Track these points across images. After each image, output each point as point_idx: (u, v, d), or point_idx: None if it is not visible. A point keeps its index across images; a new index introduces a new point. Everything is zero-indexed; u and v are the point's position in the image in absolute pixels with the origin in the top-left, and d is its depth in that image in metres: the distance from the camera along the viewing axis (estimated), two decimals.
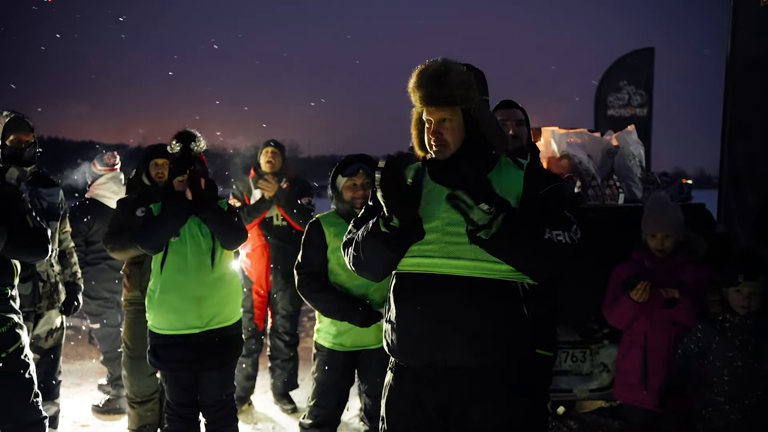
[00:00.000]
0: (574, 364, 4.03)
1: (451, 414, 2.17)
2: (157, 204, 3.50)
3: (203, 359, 3.44)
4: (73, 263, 4.13)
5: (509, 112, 3.27)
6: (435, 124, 2.18)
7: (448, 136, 2.17)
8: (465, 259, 2.10)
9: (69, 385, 5.58)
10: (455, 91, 2.14)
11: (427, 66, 2.18)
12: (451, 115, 2.17)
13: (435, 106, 2.16)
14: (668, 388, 3.22)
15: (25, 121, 3.85)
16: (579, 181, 4.31)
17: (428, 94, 2.15)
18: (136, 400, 4.04)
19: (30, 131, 3.86)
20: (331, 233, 3.31)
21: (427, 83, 2.15)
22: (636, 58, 10.33)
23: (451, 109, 2.16)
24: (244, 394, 4.94)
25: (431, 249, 2.14)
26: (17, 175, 3.82)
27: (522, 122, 3.27)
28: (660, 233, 3.34)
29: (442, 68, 2.15)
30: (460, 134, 2.18)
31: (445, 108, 2.16)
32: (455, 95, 2.14)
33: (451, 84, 2.14)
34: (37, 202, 3.87)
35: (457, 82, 2.15)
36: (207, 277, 3.43)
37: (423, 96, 2.16)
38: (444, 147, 2.18)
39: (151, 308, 3.47)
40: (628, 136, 4.63)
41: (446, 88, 2.14)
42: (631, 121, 8.26)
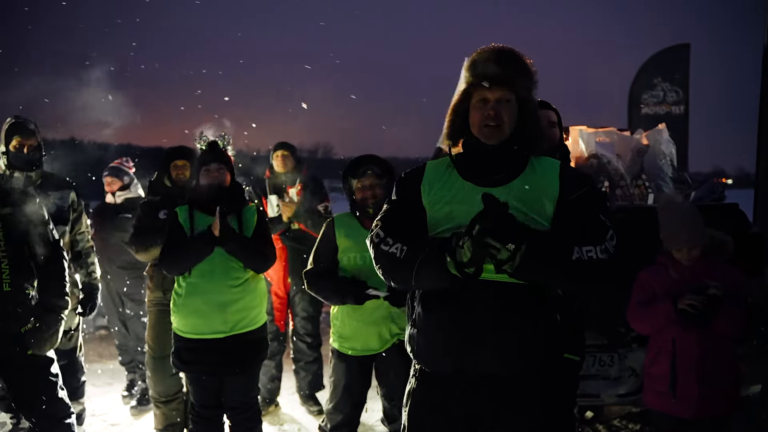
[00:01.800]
0: (601, 369, 3.95)
1: (480, 421, 2.12)
2: (183, 207, 3.51)
3: (228, 363, 3.44)
4: (90, 263, 4.12)
5: (543, 114, 3.19)
6: (494, 102, 2.07)
7: (506, 116, 2.07)
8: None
9: (101, 384, 5.70)
10: (521, 76, 2.09)
11: (495, 47, 2.11)
12: (510, 98, 2.08)
13: (499, 86, 2.06)
14: None
15: (25, 126, 3.84)
16: (607, 182, 4.22)
17: (494, 72, 2.05)
18: (161, 399, 4.09)
19: (32, 135, 3.86)
20: (341, 234, 3.33)
21: (495, 61, 2.06)
22: (671, 55, 10.10)
23: (511, 93, 2.08)
24: (269, 395, 4.97)
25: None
26: (23, 180, 3.83)
27: (555, 124, 3.22)
28: (686, 247, 3.21)
29: (512, 52, 2.10)
30: (513, 121, 2.09)
31: (506, 90, 2.07)
32: (520, 80, 2.08)
33: (519, 69, 2.08)
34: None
35: (523, 69, 2.10)
36: (233, 283, 3.43)
37: (487, 73, 2.05)
38: (499, 127, 2.07)
39: (176, 311, 3.48)
40: (659, 134, 4.50)
41: (513, 71, 2.07)
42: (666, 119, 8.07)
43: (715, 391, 3.18)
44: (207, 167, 3.50)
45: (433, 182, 2.15)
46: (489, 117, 2.06)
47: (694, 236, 3.20)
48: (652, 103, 9.98)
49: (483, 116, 2.07)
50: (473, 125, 2.11)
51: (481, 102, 2.08)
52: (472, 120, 2.11)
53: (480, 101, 2.09)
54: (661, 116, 9.22)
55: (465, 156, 2.15)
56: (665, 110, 9.78)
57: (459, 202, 2.07)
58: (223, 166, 3.53)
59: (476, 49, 2.14)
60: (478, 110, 2.09)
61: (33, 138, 3.87)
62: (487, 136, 2.08)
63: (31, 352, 3.12)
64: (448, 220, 2.08)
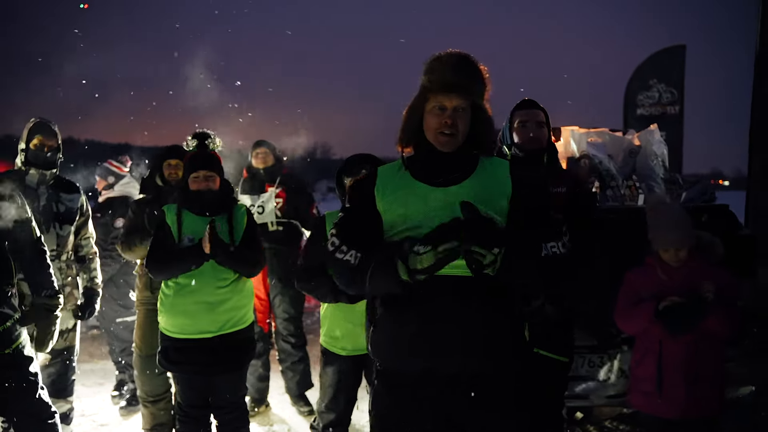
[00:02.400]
0: (591, 370, 3.93)
1: (453, 420, 2.11)
2: (171, 206, 3.48)
3: (216, 363, 3.42)
4: (93, 268, 4.18)
5: (531, 113, 3.19)
6: (451, 110, 2.10)
7: (461, 125, 2.11)
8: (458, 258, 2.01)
9: (91, 384, 5.68)
10: (477, 84, 2.13)
11: (454, 53, 2.13)
12: (466, 106, 2.11)
13: (456, 93, 2.09)
14: None
15: (49, 126, 3.96)
16: (598, 182, 4.20)
17: (453, 80, 2.08)
18: (149, 399, 4.07)
19: (54, 136, 3.97)
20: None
21: (454, 68, 2.09)
22: (667, 56, 10.08)
23: (466, 101, 2.11)
24: (259, 395, 4.94)
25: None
26: (37, 178, 3.92)
27: (543, 124, 3.18)
28: (673, 248, 3.20)
29: (469, 58, 2.13)
30: (467, 129, 2.13)
31: (463, 98, 2.10)
32: (476, 88, 2.12)
33: (475, 76, 2.12)
34: (54, 205, 3.94)
35: (480, 76, 2.14)
36: (221, 284, 3.41)
37: (445, 81, 2.08)
38: (454, 136, 2.10)
39: (163, 311, 3.46)
40: (651, 135, 4.49)
41: (471, 79, 2.11)
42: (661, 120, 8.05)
43: (702, 392, 3.17)
44: (195, 174, 3.46)
45: (386, 185, 2.17)
46: (446, 125, 2.10)
47: (682, 237, 3.19)
48: (647, 104, 9.96)
49: (440, 124, 2.10)
50: (428, 130, 2.14)
51: (438, 109, 2.11)
52: (428, 125, 2.13)
53: (437, 107, 2.11)
54: (657, 117, 9.19)
55: (417, 158, 2.18)
56: (660, 111, 9.76)
57: (413, 203, 2.10)
58: (212, 174, 3.47)
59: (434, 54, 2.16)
60: (435, 117, 2.11)
61: (54, 139, 3.98)
62: (442, 143, 2.12)
63: (8, 351, 3.10)
64: (403, 221, 2.09)
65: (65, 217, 3.97)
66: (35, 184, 3.93)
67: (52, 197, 3.96)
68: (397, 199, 2.12)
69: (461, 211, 1.92)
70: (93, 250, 4.22)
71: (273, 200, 4.86)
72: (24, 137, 3.93)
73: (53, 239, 3.92)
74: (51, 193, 3.96)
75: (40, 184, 3.94)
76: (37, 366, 3.25)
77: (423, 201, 2.09)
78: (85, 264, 4.15)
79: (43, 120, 3.96)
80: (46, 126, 3.95)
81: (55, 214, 3.95)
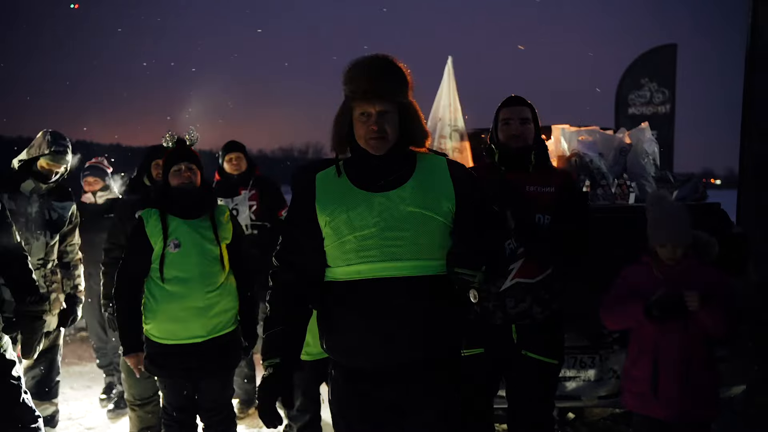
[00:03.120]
0: (582, 370, 3.91)
1: (401, 409, 2.20)
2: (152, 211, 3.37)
3: (205, 366, 3.37)
4: (77, 275, 4.14)
5: (515, 110, 3.13)
6: (376, 115, 2.14)
7: (389, 128, 2.15)
8: (405, 259, 2.11)
9: (79, 387, 5.62)
10: (397, 85, 2.15)
11: (369, 58, 2.16)
12: (391, 108, 2.15)
13: (378, 98, 2.12)
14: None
15: (63, 156, 3.89)
16: (588, 180, 4.18)
17: (371, 87, 2.11)
18: (136, 402, 4.01)
19: (64, 164, 3.93)
20: None
21: (370, 75, 2.12)
22: (658, 55, 10.08)
23: (390, 103, 2.14)
24: (247, 397, 4.88)
25: (371, 254, 2.12)
26: (33, 187, 3.87)
27: (528, 120, 3.11)
28: (670, 244, 3.18)
29: (385, 61, 2.15)
30: (396, 129, 2.17)
31: (386, 101, 2.13)
32: (397, 89, 2.14)
33: (395, 77, 2.15)
34: (47, 213, 3.90)
35: (399, 76, 2.16)
36: (210, 288, 3.35)
37: (364, 88, 2.11)
38: (384, 139, 2.15)
39: (150, 317, 3.35)
40: (642, 133, 4.47)
41: (390, 82, 2.13)
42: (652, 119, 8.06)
43: (696, 393, 3.14)
44: (177, 167, 3.37)
45: (327, 194, 2.22)
46: (373, 131, 2.14)
47: (680, 234, 3.17)
48: (639, 103, 9.97)
49: (367, 130, 2.15)
50: (359, 137, 2.18)
51: (363, 116, 2.15)
52: (358, 132, 2.18)
53: (362, 114, 2.15)
54: (648, 117, 9.20)
55: (354, 163, 2.23)
56: (652, 110, 9.76)
57: (357, 209, 2.14)
58: (193, 165, 3.40)
59: (351, 61, 2.18)
60: (363, 124, 2.16)
61: (63, 166, 3.94)
62: (374, 147, 2.16)
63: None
64: (349, 227, 2.15)
65: (56, 225, 3.92)
66: (29, 191, 3.88)
67: (44, 205, 3.91)
68: (339, 206, 2.17)
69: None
70: (78, 257, 4.17)
71: (247, 203, 4.81)
72: (33, 151, 3.86)
73: (42, 248, 3.87)
74: (43, 201, 3.91)
75: (33, 192, 3.89)
76: (20, 370, 3.19)
77: (367, 207, 2.14)
78: (69, 271, 4.10)
79: (58, 147, 3.86)
80: (59, 155, 3.87)
81: (46, 222, 3.90)
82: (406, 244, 2.11)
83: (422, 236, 2.12)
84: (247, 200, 4.79)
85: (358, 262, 2.13)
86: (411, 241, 2.11)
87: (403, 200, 2.12)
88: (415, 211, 2.12)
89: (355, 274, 2.14)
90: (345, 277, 2.17)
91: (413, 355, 2.15)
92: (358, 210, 2.14)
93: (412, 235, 2.11)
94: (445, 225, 2.16)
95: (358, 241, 2.12)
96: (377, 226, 2.12)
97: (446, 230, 2.17)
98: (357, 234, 2.13)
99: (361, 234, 2.12)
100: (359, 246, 2.13)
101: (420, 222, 2.12)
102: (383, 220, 2.11)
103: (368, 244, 2.12)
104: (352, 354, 2.20)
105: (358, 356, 2.18)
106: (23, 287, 3.23)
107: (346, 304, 2.17)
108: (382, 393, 2.19)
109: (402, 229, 2.11)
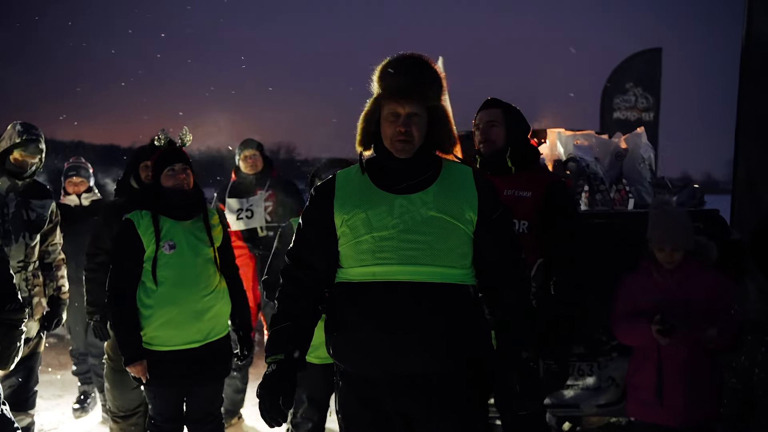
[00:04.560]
0: (580, 378, 3.85)
1: (414, 420, 2.15)
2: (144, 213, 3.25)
3: (201, 373, 3.28)
4: (60, 276, 3.97)
5: (483, 114, 3.10)
6: (404, 117, 2.09)
7: (416, 131, 2.10)
8: (422, 264, 2.06)
9: (49, 396, 5.40)
10: (431, 87, 2.11)
11: (404, 56, 2.11)
12: (420, 111, 2.11)
13: (408, 99, 2.07)
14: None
15: (36, 145, 3.71)
16: (587, 185, 4.11)
17: (404, 86, 2.06)
18: (119, 414, 3.84)
19: (38, 153, 3.73)
20: None
21: (405, 74, 2.07)
22: (643, 59, 10.13)
23: (420, 106, 2.10)
24: (233, 407, 4.75)
25: (388, 256, 2.07)
26: (8, 185, 3.69)
27: (495, 123, 3.05)
28: (669, 247, 3.14)
29: (422, 61, 2.11)
30: (423, 133, 2.13)
31: (416, 103, 2.09)
32: (429, 91, 2.10)
33: (429, 79, 2.11)
34: (25, 213, 3.72)
35: (433, 78, 2.12)
36: (205, 291, 3.26)
37: (397, 86, 2.07)
38: (410, 143, 2.10)
39: (144, 324, 3.23)
40: (638, 138, 4.42)
41: (424, 83, 2.09)
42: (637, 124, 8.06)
43: (700, 399, 3.13)
44: (171, 167, 3.27)
45: (347, 192, 2.17)
46: (400, 133, 2.10)
47: (680, 238, 3.15)
48: (624, 107, 10.01)
49: (394, 131, 2.11)
50: (385, 137, 2.14)
51: (392, 115, 2.11)
52: (384, 132, 2.14)
53: (391, 114, 2.11)
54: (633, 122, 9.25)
55: (377, 163, 2.19)
56: (636, 116, 9.82)
57: (377, 209, 2.10)
58: (187, 166, 3.32)
59: (386, 58, 2.14)
60: (390, 124, 2.11)
61: (38, 157, 3.74)
62: (398, 150, 2.12)
63: None
64: (367, 227, 2.09)
65: (35, 226, 3.76)
66: (4, 190, 3.70)
67: (21, 204, 3.73)
68: (359, 205, 2.12)
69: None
70: (60, 257, 4.01)
71: (262, 204, 4.66)
72: (3, 144, 3.68)
73: (21, 250, 3.70)
74: (21, 200, 3.73)
75: (10, 191, 3.71)
76: None
77: (388, 208, 2.09)
78: (52, 272, 3.93)
79: (30, 136, 3.68)
80: (32, 145, 3.69)
81: (25, 222, 3.72)
82: (424, 248, 2.05)
83: (442, 242, 2.06)
84: (263, 201, 4.65)
85: (374, 263, 2.08)
86: (430, 245, 2.06)
87: (425, 204, 2.08)
88: (437, 215, 2.07)
89: (370, 275, 2.09)
90: (359, 278, 2.11)
91: (426, 366, 2.09)
92: (378, 210, 2.09)
93: (432, 239, 2.06)
94: (466, 233, 2.11)
95: (376, 241, 2.07)
96: (396, 228, 2.06)
97: (467, 239, 2.12)
98: (375, 234, 2.07)
99: (379, 234, 2.07)
100: (376, 247, 2.07)
101: (441, 227, 2.07)
102: (403, 222, 2.06)
103: (385, 246, 2.06)
104: (360, 358, 2.13)
105: (366, 360, 2.12)
106: (2, 294, 3.05)
107: (357, 305, 2.11)
108: (393, 403, 2.12)
109: (422, 232, 2.06)
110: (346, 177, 2.22)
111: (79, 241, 4.76)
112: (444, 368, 2.11)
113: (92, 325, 3.89)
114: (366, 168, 2.18)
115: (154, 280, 3.19)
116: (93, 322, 3.86)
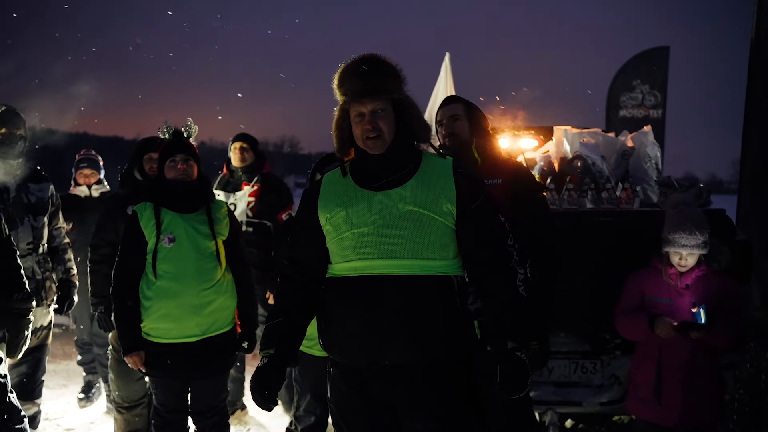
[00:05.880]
0: (584, 376, 3.85)
1: (398, 408, 2.21)
2: (147, 205, 3.25)
3: (200, 368, 3.26)
4: (67, 259, 3.98)
5: (444, 110, 3.20)
6: (369, 115, 2.16)
7: (384, 125, 2.16)
8: (402, 258, 2.12)
9: (54, 386, 5.43)
10: (388, 81, 2.15)
11: (356, 59, 2.18)
12: (384, 105, 2.16)
13: (368, 97, 2.14)
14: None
15: (17, 114, 3.73)
16: (593, 183, 4.10)
17: (361, 86, 2.13)
18: (124, 405, 3.85)
19: (21, 125, 3.74)
20: None
21: (359, 75, 2.13)
22: (650, 57, 10.07)
23: (383, 101, 2.15)
24: (233, 397, 4.72)
25: (368, 251, 2.14)
26: (4, 169, 3.68)
27: (458, 117, 3.14)
28: (686, 251, 3.12)
29: (375, 59, 2.16)
30: (392, 126, 2.18)
31: (378, 99, 2.15)
32: (388, 85, 2.15)
33: (384, 74, 2.15)
34: (24, 197, 3.73)
35: (389, 72, 2.17)
36: (206, 285, 3.23)
37: (354, 88, 2.13)
38: (380, 138, 2.16)
39: (144, 315, 3.24)
40: (645, 136, 4.40)
41: (379, 79, 2.14)
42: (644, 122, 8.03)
43: (700, 399, 3.13)
44: (173, 159, 3.26)
45: (330, 193, 2.26)
46: (368, 130, 2.16)
47: (697, 242, 3.11)
48: (630, 105, 9.96)
49: (362, 130, 2.17)
50: (357, 139, 2.21)
51: (358, 116, 2.18)
52: (355, 134, 2.21)
53: (357, 115, 2.18)
54: (640, 119, 9.20)
55: (357, 163, 2.26)
56: (643, 113, 9.76)
57: (357, 206, 2.17)
58: (190, 158, 3.29)
59: (340, 65, 2.20)
60: (357, 124, 2.18)
61: (22, 128, 3.75)
62: (371, 147, 2.18)
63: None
64: (348, 224, 2.17)
65: (38, 208, 3.76)
66: (1, 175, 3.69)
67: (21, 188, 3.74)
68: (340, 204, 2.20)
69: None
70: (66, 241, 4.02)
71: (245, 199, 4.65)
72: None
73: (28, 232, 3.71)
74: (19, 185, 3.74)
75: (6, 175, 3.70)
76: (5, 368, 3.04)
77: (366, 205, 2.16)
78: (59, 255, 3.94)
79: (9, 107, 3.72)
80: (13, 114, 3.71)
81: (26, 206, 3.73)
82: (403, 242, 2.11)
83: (421, 235, 2.12)
84: (246, 197, 4.63)
85: (356, 258, 2.16)
86: (408, 239, 2.11)
87: (403, 199, 2.14)
88: (414, 209, 2.13)
89: (352, 270, 2.17)
90: (343, 273, 2.19)
91: (409, 356, 2.14)
92: (358, 207, 2.17)
93: (410, 233, 2.12)
94: (446, 225, 2.16)
95: (356, 237, 2.15)
96: (375, 223, 2.13)
97: (447, 230, 2.16)
98: (355, 231, 2.15)
99: (359, 231, 2.15)
100: (357, 243, 2.15)
101: (418, 221, 2.13)
102: (381, 217, 2.13)
103: (366, 241, 2.14)
104: (346, 349, 2.21)
105: (351, 351, 2.20)
106: (10, 283, 3.06)
107: (342, 299, 2.19)
108: (378, 392, 2.20)
109: (399, 227, 2.12)
110: (331, 178, 2.30)
111: (89, 232, 4.79)
112: (426, 358, 2.15)
113: (97, 316, 3.92)
114: (349, 169, 2.26)
115: (154, 273, 3.19)
116: (97, 313, 3.88)
